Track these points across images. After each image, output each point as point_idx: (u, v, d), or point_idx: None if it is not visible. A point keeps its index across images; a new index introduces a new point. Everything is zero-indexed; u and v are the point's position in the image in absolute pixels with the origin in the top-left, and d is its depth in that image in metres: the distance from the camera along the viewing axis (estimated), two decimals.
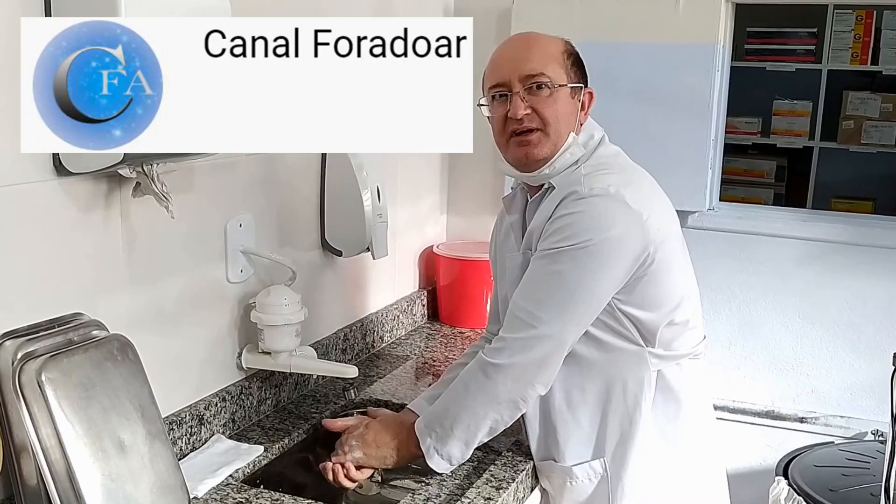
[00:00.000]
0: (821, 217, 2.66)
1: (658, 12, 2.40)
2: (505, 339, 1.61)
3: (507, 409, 1.62)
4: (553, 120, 1.63)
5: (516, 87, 1.63)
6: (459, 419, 1.63)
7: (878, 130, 4.47)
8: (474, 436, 1.64)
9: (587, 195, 1.58)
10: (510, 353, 1.58)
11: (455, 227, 2.80)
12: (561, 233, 1.58)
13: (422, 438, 1.65)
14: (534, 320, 1.58)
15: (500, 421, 1.63)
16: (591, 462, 1.70)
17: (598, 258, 1.56)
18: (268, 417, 1.91)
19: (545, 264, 1.59)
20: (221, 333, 1.81)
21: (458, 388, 1.66)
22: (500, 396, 1.60)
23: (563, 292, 1.58)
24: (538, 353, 1.58)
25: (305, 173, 2.05)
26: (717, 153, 2.52)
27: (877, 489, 1.92)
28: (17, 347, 1.28)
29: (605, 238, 1.55)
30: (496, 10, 2.61)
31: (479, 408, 1.62)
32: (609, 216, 1.57)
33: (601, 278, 1.58)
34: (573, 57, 1.68)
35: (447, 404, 1.67)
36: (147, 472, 1.35)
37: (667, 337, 1.66)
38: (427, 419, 1.68)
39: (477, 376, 1.62)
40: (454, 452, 1.64)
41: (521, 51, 1.66)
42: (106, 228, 1.49)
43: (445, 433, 1.64)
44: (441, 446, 1.64)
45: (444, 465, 1.65)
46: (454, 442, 1.63)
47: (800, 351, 2.54)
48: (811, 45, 4.49)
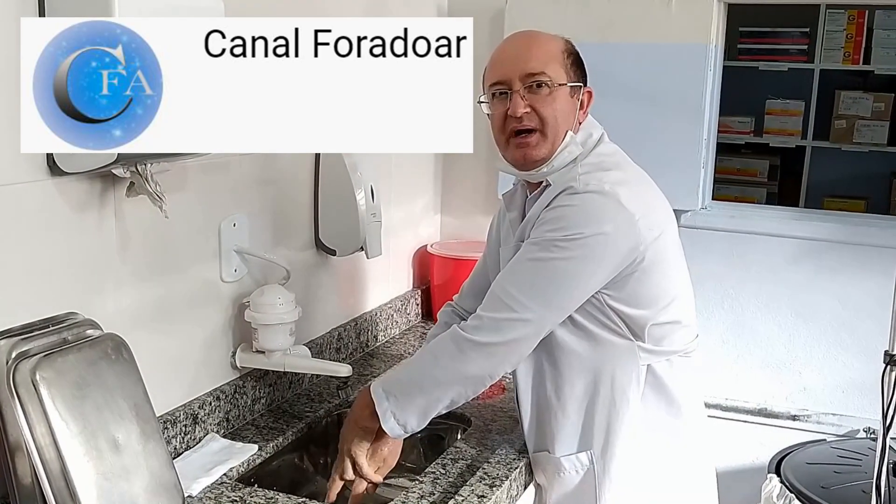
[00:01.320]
0: (813, 216, 2.67)
1: (650, 12, 2.41)
2: (482, 318, 1.61)
3: (472, 384, 1.63)
4: (552, 119, 1.64)
5: (516, 86, 1.63)
6: (423, 387, 1.63)
7: (870, 129, 4.48)
8: (434, 406, 1.63)
9: (582, 191, 1.59)
10: (487, 332, 1.59)
11: (449, 226, 2.81)
12: (553, 223, 1.60)
13: (378, 401, 1.63)
14: (514, 303, 1.59)
15: (463, 395, 1.63)
16: (577, 454, 1.71)
17: (586, 252, 1.57)
18: (262, 416, 1.91)
19: (533, 251, 1.61)
20: (215, 332, 1.81)
21: (425, 357, 1.67)
22: (470, 372, 1.61)
23: (547, 280, 1.59)
24: (514, 334, 1.59)
25: (299, 173, 2.05)
26: (709, 152, 2.53)
27: (868, 486, 1.94)
28: (12, 347, 1.28)
29: (594, 233, 1.57)
30: (489, 11, 2.62)
31: (445, 379, 1.62)
32: (601, 213, 1.58)
33: (586, 273, 1.59)
34: (573, 56, 1.69)
35: (412, 371, 1.67)
36: (141, 471, 1.36)
37: (657, 334, 1.67)
38: (386, 383, 1.66)
39: (449, 348, 1.62)
40: (410, 420, 1.63)
41: (522, 49, 1.67)
42: (100, 228, 1.50)
43: (406, 399, 1.63)
44: (399, 411, 1.63)
45: (398, 430, 1.64)
46: (413, 409, 1.63)
47: (792, 349, 2.56)
48: (803, 44, 4.51)
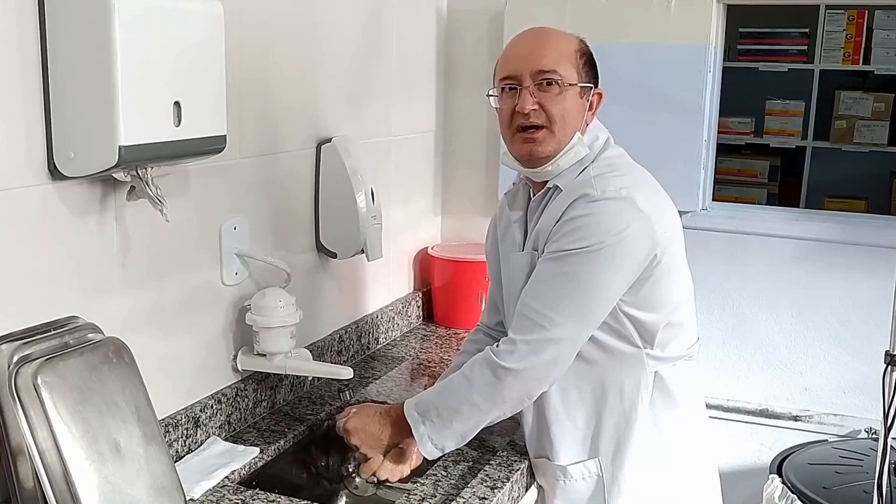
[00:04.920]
0: (813, 216, 2.67)
1: (650, 13, 2.41)
2: (515, 342, 1.59)
3: (510, 406, 1.63)
4: (559, 118, 1.63)
5: (526, 82, 1.63)
6: (460, 412, 1.62)
7: (870, 130, 4.49)
8: (473, 430, 1.64)
9: (599, 197, 1.58)
10: (521, 356, 1.57)
11: (450, 228, 2.81)
12: (573, 235, 1.57)
13: (414, 426, 1.64)
14: (546, 322, 1.57)
15: (501, 416, 1.64)
16: (585, 462, 1.71)
17: (611, 260, 1.56)
18: (263, 419, 1.91)
19: (557, 266, 1.59)
20: (216, 336, 1.81)
21: (460, 382, 1.64)
22: (508, 396, 1.60)
23: (575, 294, 1.57)
24: (549, 355, 1.57)
25: (299, 176, 2.05)
26: (709, 153, 2.53)
27: (870, 486, 1.93)
28: (13, 351, 1.29)
29: (617, 240, 1.55)
30: (489, 13, 2.62)
31: (482, 405, 1.61)
32: (621, 219, 1.57)
33: (613, 280, 1.58)
34: (586, 56, 1.68)
35: (447, 396, 1.65)
36: (143, 475, 1.36)
37: (664, 338, 1.66)
38: (421, 407, 1.66)
39: (484, 374, 1.60)
40: (448, 443, 1.64)
41: (535, 46, 1.66)
42: (101, 232, 1.50)
43: (443, 424, 1.63)
44: (436, 435, 1.63)
45: (436, 453, 1.65)
46: (451, 433, 1.63)
47: (793, 349, 2.55)
48: (803, 45, 4.51)
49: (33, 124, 1.36)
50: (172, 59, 1.42)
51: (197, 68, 1.47)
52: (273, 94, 1.92)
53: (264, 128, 1.90)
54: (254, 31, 1.82)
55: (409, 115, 2.54)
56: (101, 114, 1.33)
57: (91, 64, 1.33)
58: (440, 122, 2.73)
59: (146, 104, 1.38)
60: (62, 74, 1.35)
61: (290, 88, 1.98)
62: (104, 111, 1.33)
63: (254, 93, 1.85)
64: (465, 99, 2.69)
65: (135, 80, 1.34)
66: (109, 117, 1.33)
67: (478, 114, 2.65)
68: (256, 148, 1.88)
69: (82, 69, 1.34)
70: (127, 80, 1.33)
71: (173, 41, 1.42)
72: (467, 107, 2.68)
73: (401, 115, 2.48)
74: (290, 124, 1.99)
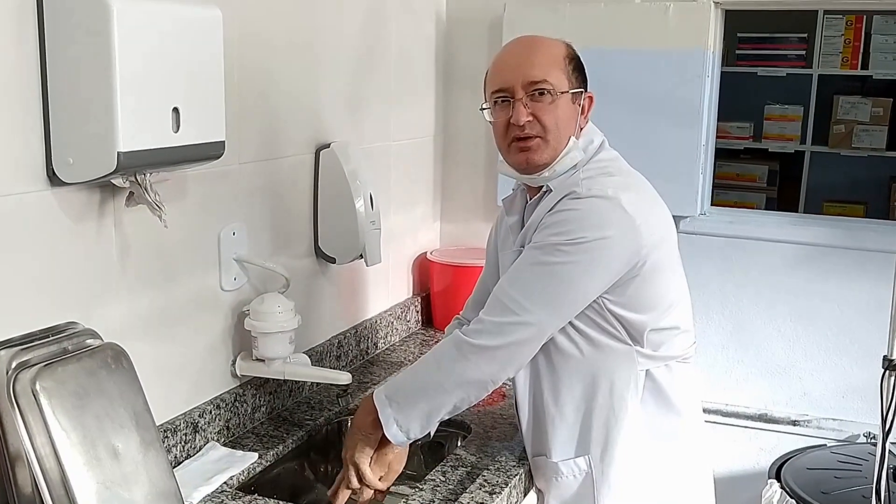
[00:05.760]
0: (812, 221, 2.67)
1: (648, 19, 2.42)
2: (484, 321, 1.61)
3: (475, 389, 1.63)
4: (553, 127, 1.64)
5: (519, 94, 1.64)
6: (426, 392, 1.63)
7: (868, 134, 4.49)
8: (437, 411, 1.63)
9: (585, 195, 1.60)
10: (489, 336, 1.59)
11: (448, 233, 2.81)
12: (556, 227, 1.60)
13: (380, 407, 1.64)
14: (517, 307, 1.59)
15: (466, 400, 1.63)
16: (575, 459, 1.71)
17: (589, 257, 1.57)
18: (262, 424, 1.91)
19: (536, 255, 1.61)
20: (215, 341, 1.81)
21: (428, 362, 1.67)
22: (472, 376, 1.61)
23: (549, 284, 1.59)
24: (516, 337, 1.59)
25: (298, 181, 2.05)
26: (707, 158, 2.53)
27: (868, 491, 1.94)
28: (12, 357, 1.29)
29: (597, 238, 1.57)
30: (487, 18, 2.63)
31: (448, 384, 1.62)
32: (604, 217, 1.58)
33: (589, 277, 1.59)
34: (575, 61, 1.69)
35: (414, 377, 1.67)
36: (141, 480, 1.36)
37: (656, 339, 1.67)
38: (388, 389, 1.67)
39: (451, 353, 1.62)
40: (413, 426, 1.64)
41: (523, 56, 1.67)
42: (99, 238, 1.50)
43: (408, 404, 1.63)
44: (402, 417, 1.63)
45: (401, 437, 1.64)
46: (416, 415, 1.63)
47: (792, 354, 2.55)
48: (802, 50, 4.52)
49: (32, 130, 1.36)
50: (171, 65, 1.42)
51: (195, 74, 1.47)
52: (272, 100, 1.93)
53: (263, 133, 1.91)
54: (253, 37, 1.83)
55: (408, 120, 2.54)
56: (100, 120, 1.33)
57: (90, 70, 1.33)
58: (439, 128, 2.73)
59: (145, 110, 1.38)
60: (61, 80, 1.35)
61: (288, 94, 1.98)
62: (103, 117, 1.33)
63: (252, 98, 1.85)
64: (463, 104, 2.69)
65: (133, 86, 1.34)
66: (108, 123, 1.33)
67: (477, 119, 2.61)
68: (255, 153, 1.88)
69: (81, 75, 1.34)
70: (126, 86, 1.33)
71: (172, 47, 1.42)
72: (466, 112, 2.68)
73: (400, 121, 2.49)
74: (289, 130, 2.00)
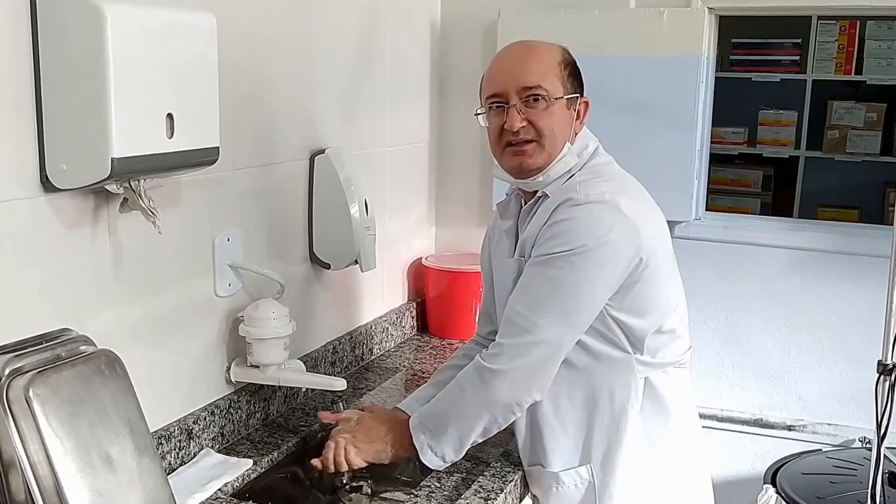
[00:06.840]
0: (807, 226, 2.68)
1: (642, 25, 2.42)
2: (502, 345, 1.62)
3: (501, 412, 1.63)
4: (548, 132, 1.64)
5: (513, 100, 1.64)
6: (454, 419, 1.64)
7: (862, 139, 4.51)
8: (468, 436, 1.65)
9: (583, 201, 1.60)
10: (508, 359, 1.60)
11: (444, 238, 2.81)
12: (557, 238, 1.59)
13: (415, 435, 1.67)
14: (531, 325, 1.59)
15: (495, 423, 1.65)
16: (577, 468, 1.71)
17: (594, 263, 1.57)
18: (257, 431, 1.91)
19: (541, 270, 1.61)
20: (210, 347, 1.81)
21: (453, 389, 1.68)
22: (496, 401, 1.61)
23: (560, 297, 1.59)
24: (535, 357, 1.59)
25: (293, 187, 2.05)
26: (702, 163, 2.54)
27: (864, 496, 1.94)
28: (5, 363, 1.28)
29: (600, 243, 1.57)
30: (482, 25, 2.63)
31: (474, 410, 1.63)
32: (604, 222, 1.58)
33: (597, 283, 1.59)
34: (570, 66, 1.69)
35: (442, 404, 1.69)
36: (135, 487, 1.35)
37: (654, 345, 1.67)
38: (421, 417, 1.70)
39: (473, 380, 1.63)
40: (447, 450, 1.66)
41: (518, 61, 1.67)
42: (93, 244, 1.50)
43: (439, 431, 1.65)
44: (435, 443, 1.66)
45: (438, 461, 1.67)
46: (448, 440, 1.65)
47: (787, 359, 2.56)
48: (796, 55, 4.53)
49: (25, 136, 1.36)
50: (165, 71, 1.42)
51: (190, 80, 1.47)
52: (266, 106, 1.93)
53: (258, 139, 1.90)
54: (247, 43, 1.83)
55: (402, 126, 2.54)
56: (94, 126, 1.33)
57: (84, 76, 1.33)
58: (434, 133, 2.73)
59: (139, 116, 1.38)
60: (55, 86, 1.35)
61: (283, 100, 1.98)
62: (97, 123, 1.33)
63: (247, 104, 1.85)
64: (458, 110, 2.70)
65: (127, 92, 1.34)
66: (102, 129, 1.33)
67: (472, 125, 2.60)
68: (250, 159, 1.88)
69: (75, 81, 1.34)
70: (120, 92, 1.33)
71: (166, 53, 1.42)
72: (461, 118, 2.68)
73: (395, 126, 2.49)
74: (284, 135, 2.00)
